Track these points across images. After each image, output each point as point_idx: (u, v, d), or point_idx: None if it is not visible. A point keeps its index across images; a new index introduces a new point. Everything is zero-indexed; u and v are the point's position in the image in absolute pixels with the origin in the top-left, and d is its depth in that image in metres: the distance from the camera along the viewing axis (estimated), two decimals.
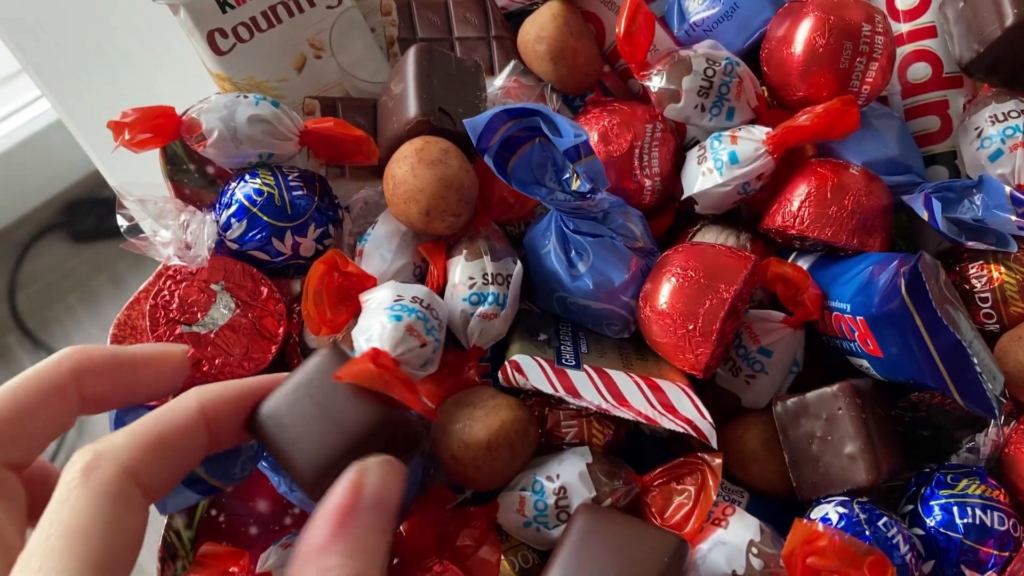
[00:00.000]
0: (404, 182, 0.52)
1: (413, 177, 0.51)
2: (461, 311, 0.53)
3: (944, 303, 0.48)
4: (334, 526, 0.27)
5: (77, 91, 0.72)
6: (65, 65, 0.73)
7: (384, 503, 0.29)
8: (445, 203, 0.52)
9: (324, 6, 0.58)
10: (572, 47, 0.59)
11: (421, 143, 0.52)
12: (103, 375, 0.30)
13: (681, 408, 0.50)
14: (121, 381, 0.31)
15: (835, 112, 0.53)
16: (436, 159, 0.52)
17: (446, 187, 0.51)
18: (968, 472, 0.52)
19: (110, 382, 0.31)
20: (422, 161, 0.52)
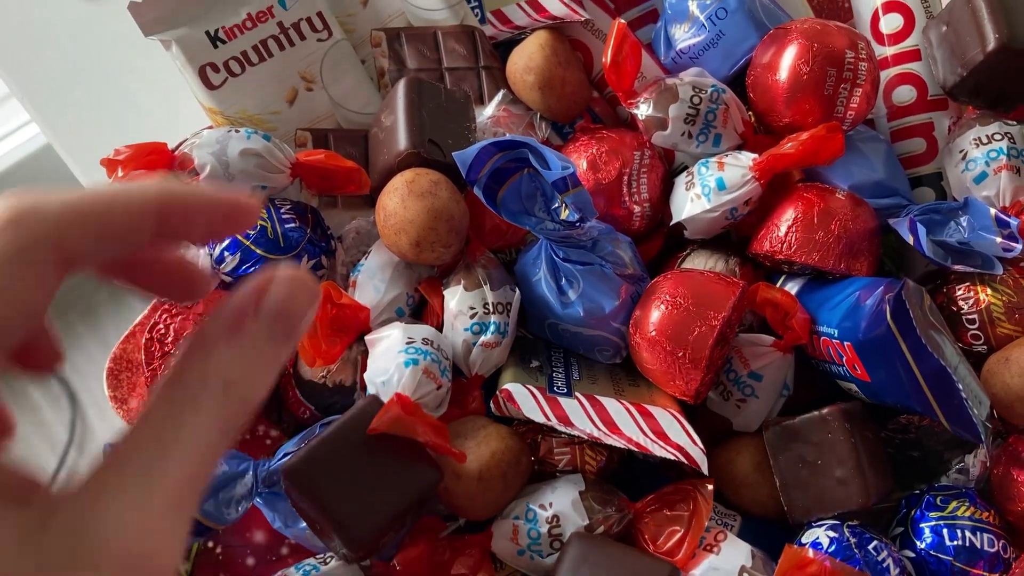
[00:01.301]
0: (395, 214, 0.52)
1: (403, 209, 0.52)
2: (463, 341, 0.54)
3: (929, 329, 0.48)
4: (229, 326, 0.25)
5: (67, 119, 0.73)
6: (55, 92, 0.73)
7: (288, 316, 0.26)
8: (435, 234, 0.53)
9: (315, 39, 0.59)
10: (560, 76, 0.60)
11: (412, 175, 0.53)
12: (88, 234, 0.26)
13: (672, 435, 0.51)
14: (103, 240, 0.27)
15: (820, 139, 0.53)
16: (426, 191, 0.52)
17: (436, 218, 0.52)
18: (958, 494, 0.52)
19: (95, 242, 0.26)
20: (412, 193, 0.52)
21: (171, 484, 0.23)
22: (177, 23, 0.57)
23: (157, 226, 0.26)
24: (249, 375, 0.25)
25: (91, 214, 0.25)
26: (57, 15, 0.74)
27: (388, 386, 0.50)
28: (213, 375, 0.24)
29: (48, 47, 0.74)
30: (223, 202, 0.28)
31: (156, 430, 0.24)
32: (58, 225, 0.24)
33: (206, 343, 0.25)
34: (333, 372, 0.54)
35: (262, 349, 0.25)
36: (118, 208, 0.26)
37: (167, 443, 0.23)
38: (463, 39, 0.60)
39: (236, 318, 0.25)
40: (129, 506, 0.22)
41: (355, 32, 0.61)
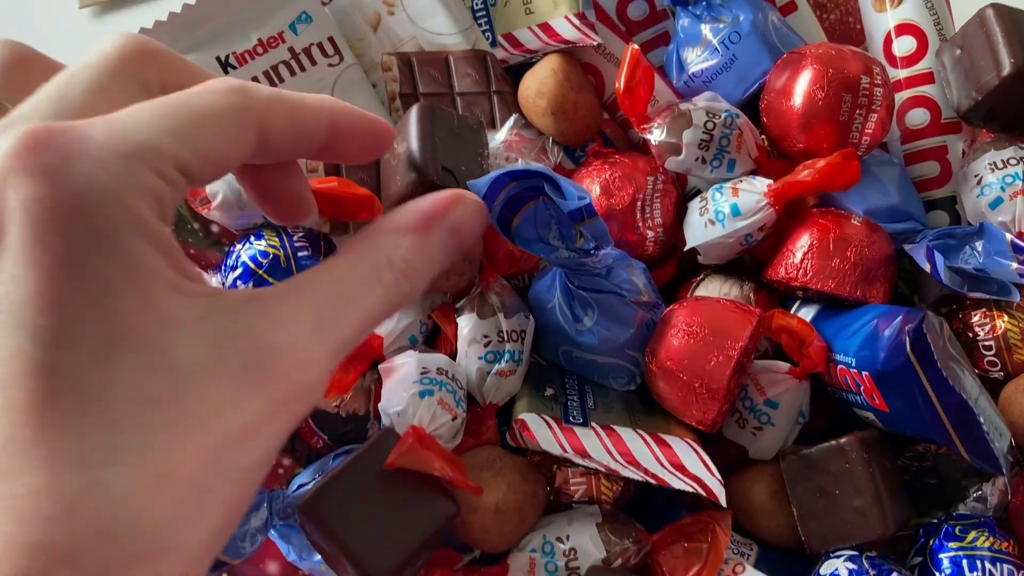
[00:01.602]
0: None
1: None
2: (477, 370, 0.53)
3: (949, 361, 0.48)
4: (417, 221, 0.29)
5: None
6: None
7: (461, 233, 0.31)
8: (449, 264, 0.52)
9: (326, 64, 0.58)
10: (573, 101, 0.59)
11: None
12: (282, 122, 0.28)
13: (690, 465, 0.50)
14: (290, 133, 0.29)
15: (836, 166, 0.53)
16: None
17: None
18: (976, 523, 0.52)
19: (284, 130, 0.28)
20: None
21: (336, 339, 0.25)
22: (187, 49, 0.56)
23: (327, 138, 0.29)
24: (423, 269, 0.29)
25: (288, 105, 0.28)
26: (61, 28, 0.74)
27: (403, 417, 0.49)
28: (399, 258, 0.28)
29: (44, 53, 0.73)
30: (375, 126, 0.31)
31: (340, 285, 0.26)
32: (265, 104, 0.27)
33: (399, 228, 0.29)
34: (347, 402, 0.53)
35: (437, 251, 0.30)
36: (306, 108, 0.28)
37: (346, 302, 0.26)
38: (475, 63, 0.60)
39: (427, 218, 0.30)
40: (301, 344, 0.24)
41: (366, 56, 0.61)
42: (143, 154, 0.23)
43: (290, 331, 0.24)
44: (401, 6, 0.59)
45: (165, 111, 0.24)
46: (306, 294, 0.25)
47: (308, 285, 0.26)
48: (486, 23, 0.62)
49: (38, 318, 0.20)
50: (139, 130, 0.23)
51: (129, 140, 0.23)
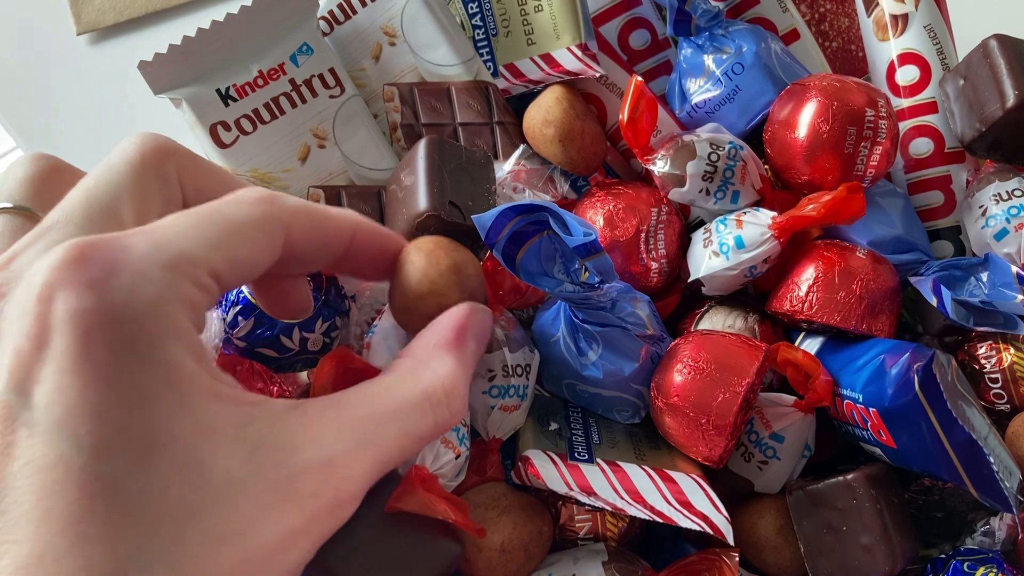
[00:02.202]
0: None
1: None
2: (482, 403, 0.53)
3: (958, 399, 0.48)
4: (452, 335, 0.30)
5: (56, 149, 0.72)
6: (47, 128, 0.72)
7: (481, 339, 0.32)
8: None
9: (327, 95, 0.58)
10: (579, 129, 0.59)
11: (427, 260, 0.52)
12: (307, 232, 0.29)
13: (696, 503, 0.50)
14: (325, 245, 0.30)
15: (841, 200, 0.53)
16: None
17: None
18: (985, 559, 0.51)
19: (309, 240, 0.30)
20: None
21: (376, 458, 0.26)
22: (187, 81, 0.56)
23: (348, 247, 0.30)
24: (463, 387, 0.30)
25: (314, 216, 0.29)
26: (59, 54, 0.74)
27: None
28: (442, 376, 0.29)
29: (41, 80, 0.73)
30: (394, 241, 0.33)
31: (385, 404, 0.27)
32: (292, 214, 0.28)
33: (439, 344, 0.30)
34: None
35: (471, 364, 0.31)
36: (330, 220, 0.29)
37: (391, 422, 0.27)
38: (476, 94, 0.59)
39: (460, 334, 0.31)
40: (339, 459, 0.25)
41: (367, 87, 0.60)
42: (181, 264, 0.24)
43: (328, 447, 0.25)
44: (403, 37, 0.59)
45: (200, 221, 0.25)
46: (348, 410, 0.26)
47: (353, 402, 0.26)
48: (488, 53, 0.61)
49: (80, 427, 0.21)
50: (177, 241, 0.24)
51: (169, 251, 0.24)
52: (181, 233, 0.24)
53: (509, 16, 0.61)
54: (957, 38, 0.62)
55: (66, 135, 0.72)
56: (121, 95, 0.71)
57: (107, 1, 0.71)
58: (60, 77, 0.73)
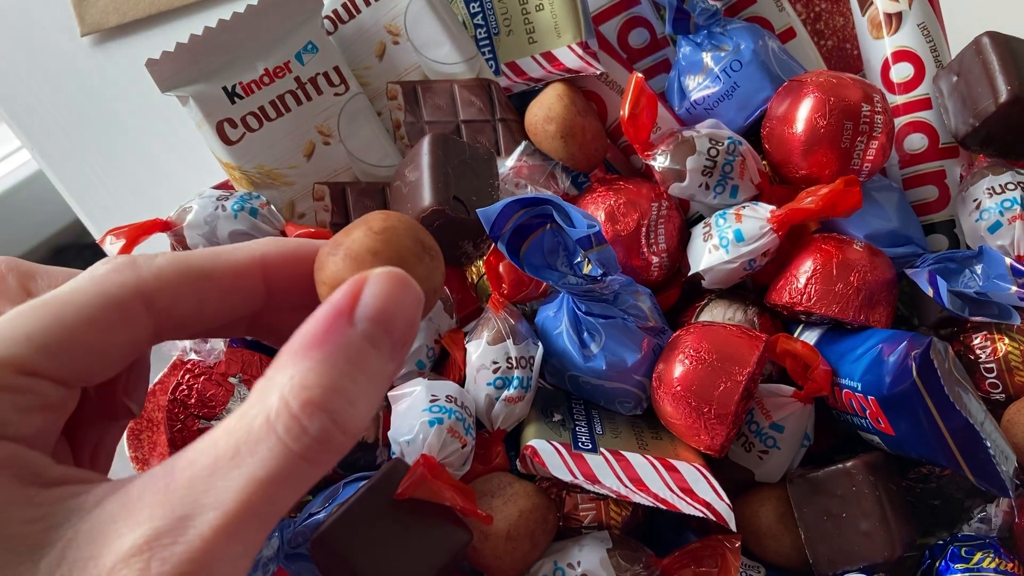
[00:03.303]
0: None
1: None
2: (486, 396, 0.53)
3: (954, 385, 0.49)
4: (317, 332, 0.22)
5: (63, 149, 0.72)
6: (51, 127, 0.73)
7: (386, 319, 0.22)
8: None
9: (332, 93, 0.59)
10: (580, 125, 0.60)
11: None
12: (184, 292, 0.24)
13: (699, 490, 0.51)
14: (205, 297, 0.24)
15: (838, 193, 0.54)
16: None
17: None
18: (982, 544, 0.52)
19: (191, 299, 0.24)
20: None
21: (218, 516, 0.20)
22: (194, 79, 0.57)
23: (265, 284, 0.25)
24: (339, 394, 0.21)
25: (191, 270, 0.24)
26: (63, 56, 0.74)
27: (413, 445, 0.50)
28: (288, 392, 0.21)
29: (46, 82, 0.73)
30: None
31: (217, 448, 0.21)
32: (153, 278, 0.23)
33: (285, 353, 0.22)
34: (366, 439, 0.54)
35: (361, 360, 0.22)
36: (219, 266, 0.24)
37: (224, 467, 0.20)
38: (479, 92, 0.60)
39: (324, 327, 0.22)
40: (165, 531, 0.20)
41: (371, 85, 0.61)
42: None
43: (146, 528, 0.20)
44: (406, 35, 0.60)
45: (16, 314, 0.22)
46: (176, 475, 0.21)
47: (181, 464, 0.21)
48: (489, 52, 0.62)
49: None
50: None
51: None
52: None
53: (510, 15, 0.61)
54: (950, 35, 0.63)
55: (71, 135, 0.72)
56: (125, 95, 0.72)
57: (111, 2, 0.72)
58: (64, 78, 0.74)
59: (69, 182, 0.71)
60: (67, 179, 0.71)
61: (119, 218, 0.61)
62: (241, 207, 0.54)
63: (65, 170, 0.71)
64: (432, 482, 0.45)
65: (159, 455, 0.52)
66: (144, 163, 0.71)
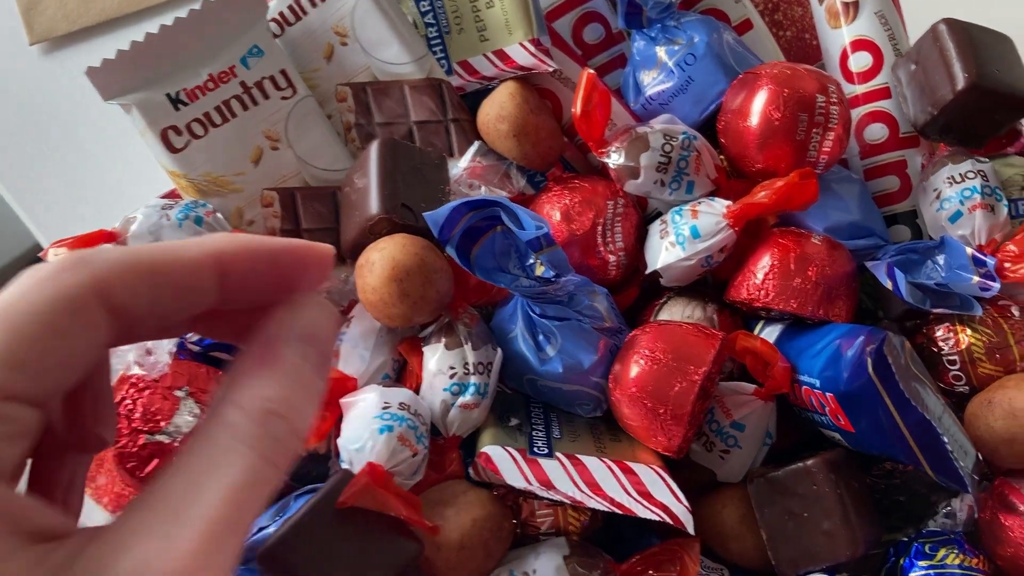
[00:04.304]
0: (376, 305, 0.52)
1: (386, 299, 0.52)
2: (441, 402, 0.52)
3: (912, 380, 0.48)
4: (261, 355, 0.23)
5: (12, 161, 0.71)
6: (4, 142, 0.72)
7: (319, 340, 0.25)
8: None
9: (279, 97, 0.58)
10: (534, 123, 0.59)
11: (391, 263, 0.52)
12: (139, 287, 0.23)
13: (656, 493, 0.50)
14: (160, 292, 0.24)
15: (794, 186, 0.53)
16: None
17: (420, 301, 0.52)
18: (946, 540, 0.51)
19: (147, 295, 0.24)
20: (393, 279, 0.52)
21: (201, 526, 0.21)
22: (136, 87, 0.55)
23: (219, 281, 0.24)
24: (291, 403, 0.23)
25: (144, 264, 0.23)
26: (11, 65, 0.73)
27: (362, 453, 0.48)
28: (248, 405, 0.23)
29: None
30: (289, 252, 0.25)
31: (187, 468, 0.22)
32: (106, 272, 0.22)
33: (237, 376, 0.23)
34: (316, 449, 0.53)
35: (301, 375, 0.24)
36: (173, 260, 0.24)
37: (198, 482, 0.21)
38: (430, 92, 0.59)
39: (268, 346, 0.24)
40: (154, 549, 0.20)
41: (320, 88, 0.60)
42: None
43: (137, 551, 0.20)
44: (354, 36, 0.59)
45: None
46: (151, 498, 0.21)
47: (157, 487, 0.21)
48: (441, 51, 0.61)
49: None
50: None
51: None
52: None
53: (461, 13, 0.60)
54: (908, 24, 0.62)
55: (21, 144, 0.71)
56: (76, 104, 0.71)
57: (59, 10, 0.71)
58: (14, 87, 0.72)
59: (20, 194, 0.69)
60: (17, 191, 0.70)
61: (72, 230, 0.60)
62: (186, 216, 0.53)
63: (15, 182, 0.70)
64: (377, 491, 0.44)
65: (106, 471, 0.51)
66: (97, 173, 0.70)
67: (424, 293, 0.52)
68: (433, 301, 0.53)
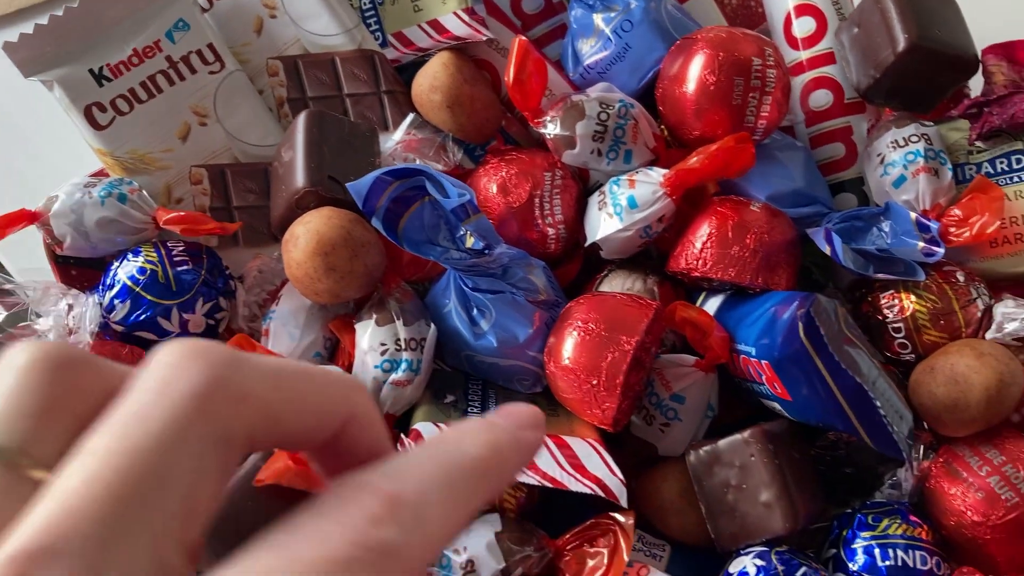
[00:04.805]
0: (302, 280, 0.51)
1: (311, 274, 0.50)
2: (373, 379, 0.51)
3: (844, 344, 0.47)
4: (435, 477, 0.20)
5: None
6: None
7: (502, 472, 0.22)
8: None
9: (206, 72, 0.56)
10: (468, 94, 0.58)
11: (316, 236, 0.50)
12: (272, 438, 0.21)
13: (590, 466, 0.48)
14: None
15: (729, 151, 0.51)
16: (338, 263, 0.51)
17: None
18: (890, 511, 0.50)
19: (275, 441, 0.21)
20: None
21: None
22: (58, 62, 0.54)
23: (333, 438, 0.22)
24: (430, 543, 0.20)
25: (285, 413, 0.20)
26: None
27: None
28: None
29: None
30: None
31: None
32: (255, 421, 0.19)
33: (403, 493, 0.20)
34: None
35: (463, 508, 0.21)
36: (311, 410, 0.21)
37: None
38: (362, 64, 0.58)
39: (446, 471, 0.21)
40: None
41: (251, 62, 0.59)
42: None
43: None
44: (283, 8, 0.57)
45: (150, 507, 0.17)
46: None
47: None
48: (375, 23, 0.60)
49: None
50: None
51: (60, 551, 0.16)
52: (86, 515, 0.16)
53: None
54: None
55: None
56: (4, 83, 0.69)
57: None
58: None
59: None
60: None
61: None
62: (108, 193, 0.52)
63: None
64: (293, 469, 0.43)
65: None
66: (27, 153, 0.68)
67: (351, 268, 0.51)
68: (361, 276, 0.51)
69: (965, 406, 0.49)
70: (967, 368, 0.49)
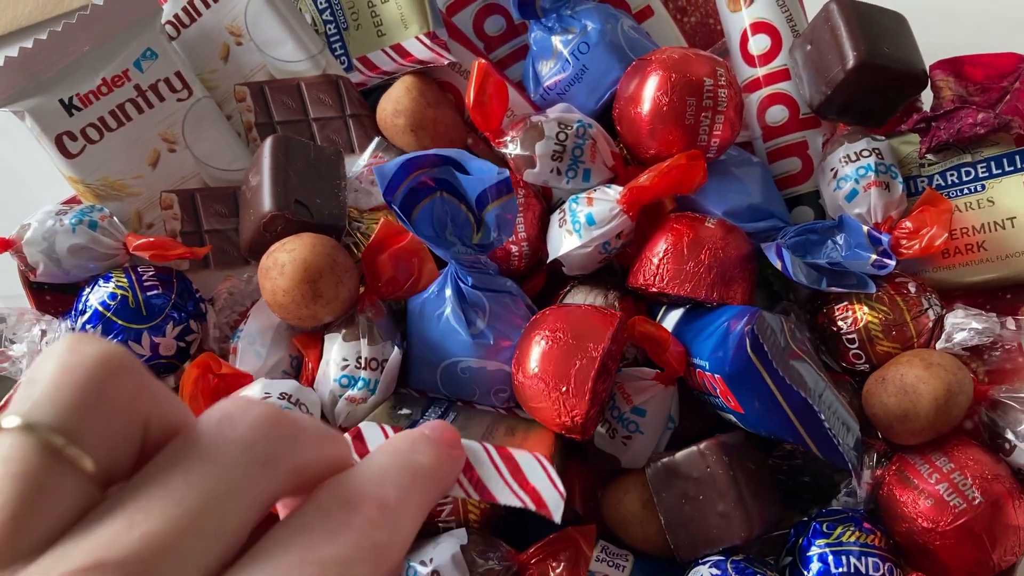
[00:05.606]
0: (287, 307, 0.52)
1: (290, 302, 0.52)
2: (330, 392, 0.52)
3: (790, 359, 0.48)
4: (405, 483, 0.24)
5: None
6: None
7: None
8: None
9: (174, 99, 0.58)
10: (431, 117, 0.59)
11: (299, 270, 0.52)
12: None
13: (532, 479, 0.49)
14: None
15: (681, 168, 0.53)
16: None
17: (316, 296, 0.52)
18: (844, 518, 0.51)
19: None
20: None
21: None
22: (28, 93, 0.55)
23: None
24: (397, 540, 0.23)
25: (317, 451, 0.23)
26: None
27: None
28: None
29: None
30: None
31: None
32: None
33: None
34: None
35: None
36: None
37: None
38: (327, 88, 0.59)
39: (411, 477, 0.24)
40: None
41: (219, 88, 0.60)
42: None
43: None
44: (248, 36, 0.59)
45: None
46: None
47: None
48: (341, 47, 0.61)
49: None
50: None
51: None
52: None
53: (357, 9, 0.60)
54: (807, 4, 0.62)
55: None
56: None
57: None
58: None
59: None
60: None
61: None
62: (79, 221, 0.53)
63: None
64: None
65: None
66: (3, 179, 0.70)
67: (337, 294, 0.52)
68: (345, 300, 0.53)
69: (915, 416, 0.50)
70: (916, 379, 0.51)
